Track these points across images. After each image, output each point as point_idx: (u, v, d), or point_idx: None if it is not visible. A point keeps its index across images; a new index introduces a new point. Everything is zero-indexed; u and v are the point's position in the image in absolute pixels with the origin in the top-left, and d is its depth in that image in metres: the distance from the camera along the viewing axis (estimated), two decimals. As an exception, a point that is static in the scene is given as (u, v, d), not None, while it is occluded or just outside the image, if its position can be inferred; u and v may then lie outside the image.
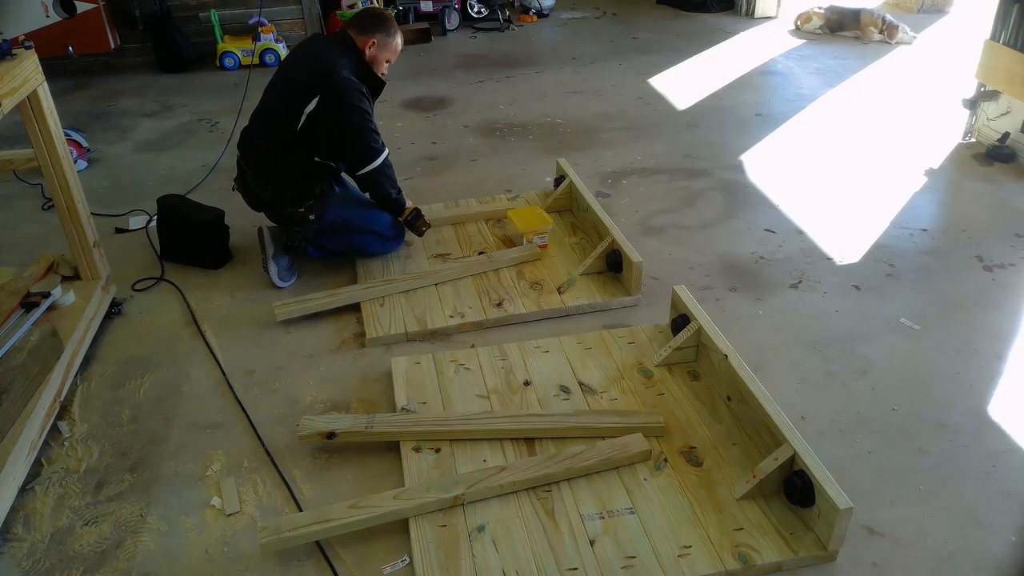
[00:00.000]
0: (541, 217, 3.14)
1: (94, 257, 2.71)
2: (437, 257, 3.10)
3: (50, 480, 2.12)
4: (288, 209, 2.88)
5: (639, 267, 2.75)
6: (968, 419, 2.25)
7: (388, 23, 2.86)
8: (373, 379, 2.48)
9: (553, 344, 2.55)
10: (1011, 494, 2.00)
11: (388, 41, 2.85)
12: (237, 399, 2.40)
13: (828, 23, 6.27)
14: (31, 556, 1.90)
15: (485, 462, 2.08)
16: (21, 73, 2.23)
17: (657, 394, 2.31)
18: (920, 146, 4.10)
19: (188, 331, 2.75)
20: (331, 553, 1.87)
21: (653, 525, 1.88)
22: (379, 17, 2.88)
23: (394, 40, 2.88)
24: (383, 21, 2.86)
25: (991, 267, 3.00)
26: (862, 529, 1.90)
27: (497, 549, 1.83)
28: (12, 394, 2.10)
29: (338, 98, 2.70)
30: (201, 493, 2.07)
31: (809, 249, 3.15)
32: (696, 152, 4.12)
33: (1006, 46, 3.74)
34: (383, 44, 2.84)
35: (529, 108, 4.84)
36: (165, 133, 4.62)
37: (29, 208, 3.69)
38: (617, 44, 6.22)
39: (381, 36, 2.83)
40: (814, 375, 2.44)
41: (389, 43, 2.86)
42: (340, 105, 2.71)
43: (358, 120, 2.75)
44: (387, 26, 2.85)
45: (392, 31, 2.86)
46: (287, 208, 2.88)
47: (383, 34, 2.83)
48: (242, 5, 5.89)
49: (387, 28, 2.85)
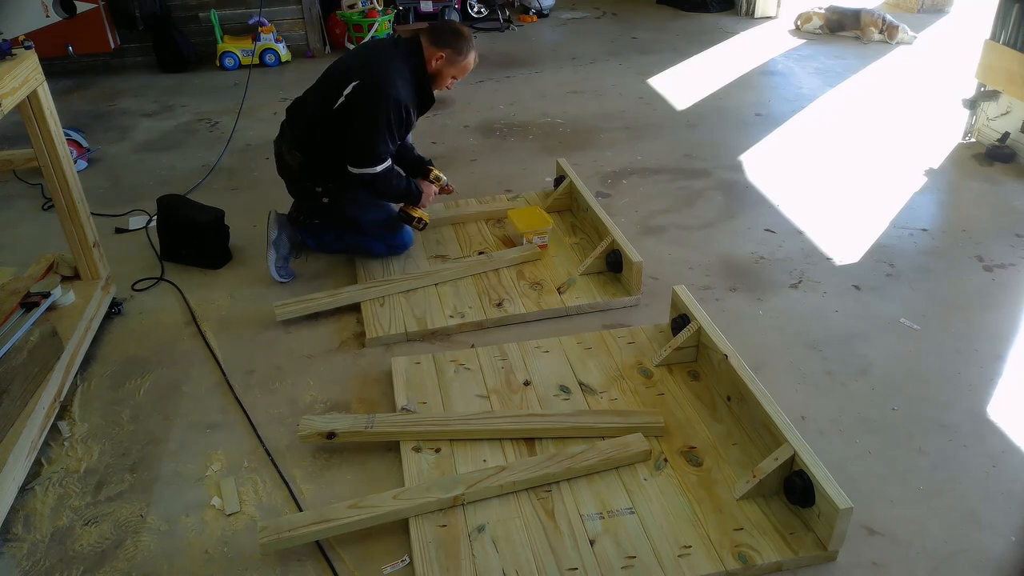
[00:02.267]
0: (541, 217, 3.14)
1: (94, 257, 2.71)
2: (437, 257, 3.10)
3: (50, 480, 2.12)
4: (307, 183, 2.89)
5: (639, 267, 2.75)
6: (968, 419, 2.25)
7: (462, 40, 2.79)
8: (373, 379, 2.48)
9: (553, 344, 2.55)
10: (1011, 494, 2.00)
11: (457, 58, 2.79)
12: (237, 399, 2.40)
13: (828, 23, 6.27)
14: (31, 556, 1.90)
15: (485, 462, 2.08)
16: (21, 73, 2.23)
17: (657, 394, 2.31)
18: (920, 146, 4.10)
19: (188, 331, 2.75)
20: (331, 553, 1.87)
21: (653, 525, 1.88)
22: (454, 32, 2.81)
23: (465, 58, 2.80)
24: (457, 37, 2.79)
25: (991, 267, 3.00)
26: (862, 529, 1.90)
27: (497, 549, 1.83)
28: (12, 394, 2.10)
29: (372, 91, 2.67)
30: (201, 493, 2.07)
31: (809, 249, 3.15)
32: (696, 152, 4.12)
33: (1006, 46, 3.74)
34: (451, 60, 2.78)
35: (529, 108, 4.84)
36: (165, 133, 4.62)
37: (29, 208, 3.69)
38: (617, 44, 6.22)
39: (451, 52, 2.77)
40: (814, 375, 2.45)
41: (458, 60, 2.80)
42: (368, 98, 2.67)
43: (374, 121, 2.70)
44: (460, 42, 2.78)
45: (464, 49, 2.79)
46: (306, 181, 2.89)
47: (453, 50, 2.77)
48: (242, 5, 5.89)
49: (459, 44, 2.78)
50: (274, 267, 2.93)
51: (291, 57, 5.94)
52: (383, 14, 6.02)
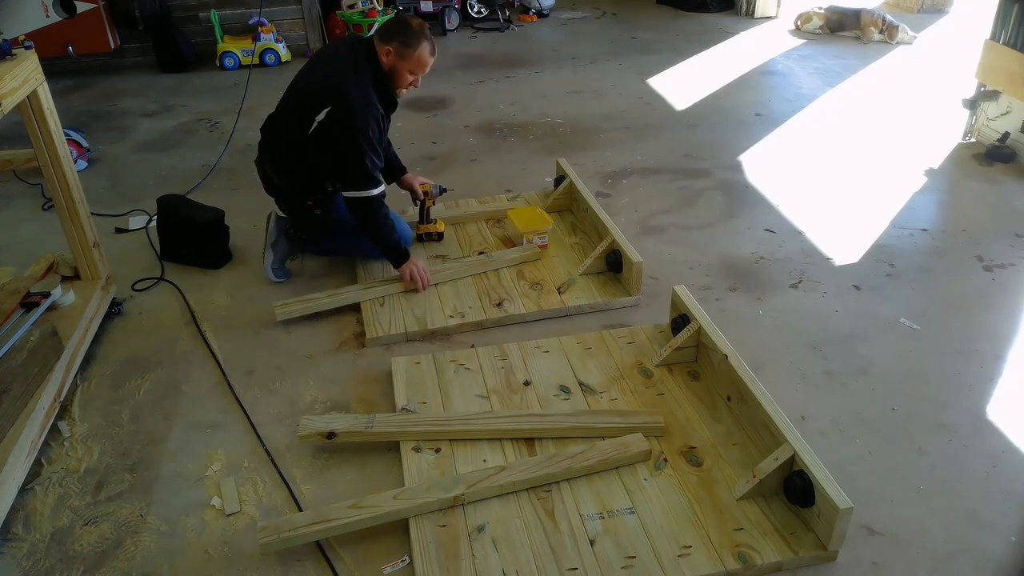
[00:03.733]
0: (541, 217, 3.14)
1: (94, 257, 2.71)
2: (437, 257, 3.10)
3: (50, 480, 2.12)
4: (296, 200, 2.87)
5: (639, 267, 2.75)
6: (968, 419, 2.25)
7: (410, 32, 2.59)
8: (373, 379, 2.48)
9: (553, 344, 2.55)
10: (1011, 494, 2.00)
11: (406, 51, 2.58)
12: (237, 399, 2.40)
13: (828, 23, 6.27)
14: (31, 556, 1.90)
15: (485, 462, 2.08)
16: (21, 73, 2.23)
17: (657, 394, 2.31)
18: (920, 146, 4.10)
19: (188, 331, 2.75)
20: (331, 553, 1.87)
21: (653, 525, 1.88)
22: (401, 24, 2.62)
23: (415, 51, 2.58)
24: (404, 29, 2.60)
25: (991, 267, 3.00)
26: (862, 529, 1.90)
27: (497, 549, 1.83)
28: (12, 394, 2.10)
29: (348, 115, 2.56)
30: (201, 493, 2.07)
31: (809, 249, 3.15)
32: (696, 152, 4.12)
33: (1006, 46, 3.75)
34: (400, 54, 2.59)
35: (529, 108, 4.84)
36: (165, 133, 4.62)
37: (29, 208, 3.69)
38: (617, 44, 6.22)
39: (398, 46, 2.58)
40: (814, 375, 2.45)
41: (408, 53, 2.58)
42: (346, 124, 2.57)
43: (359, 144, 2.59)
44: (407, 34, 2.58)
45: (412, 41, 2.58)
46: (296, 199, 2.87)
47: (399, 43, 2.58)
48: (242, 5, 5.89)
49: (406, 36, 2.58)
50: (271, 269, 2.94)
51: (291, 57, 5.95)
52: (383, 14, 6.02)
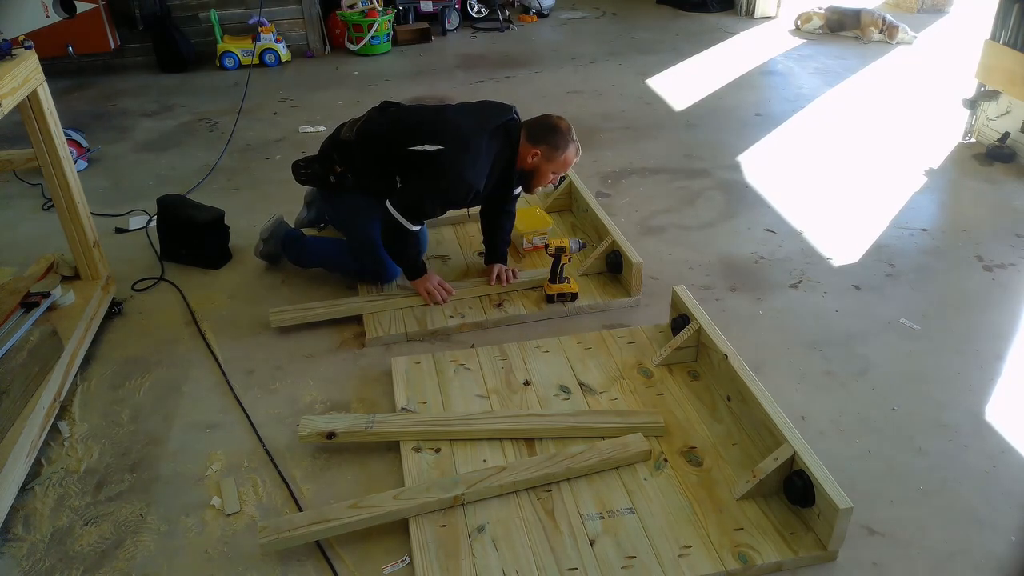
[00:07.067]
0: (541, 217, 3.14)
1: (94, 257, 2.71)
2: (437, 258, 3.10)
3: (50, 480, 2.12)
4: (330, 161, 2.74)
5: (639, 267, 2.75)
6: (968, 419, 2.25)
7: (559, 136, 2.62)
8: (373, 379, 2.48)
9: (553, 344, 2.55)
10: (1011, 494, 2.00)
11: (554, 154, 2.62)
12: (237, 399, 2.40)
13: (828, 23, 6.27)
14: (31, 556, 1.90)
15: (485, 462, 2.07)
16: (21, 73, 2.23)
17: (657, 394, 2.31)
18: (920, 146, 4.11)
19: (188, 331, 2.75)
20: (331, 553, 1.87)
21: (653, 525, 1.88)
22: (550, 128, 2.64)
23: (563, 153, 2.63)
24: (554, 133, 2.63)
25: (991, 267, 3.00)
26: (862, 529, 1.90)
27: (497, 549, 1.83)
28: (12, 394, 2.10)
29: (450, 165, 2.54)
30: (201, 493, 2.07)
31: (809, 249, 3.15)
32: (696, 152, 4.12)
33: (1006, 46, 3.75)
34: (548, 156, 2.63)
35: (529, 108, 4.80)
36: (165, 133, 4.62)
37: (29, 208, 3.69)
38: (617, 44, 6.22)
39: (547, 149, 2.62)
40: (814, 375, 2.45)
41: (555, 156, 2.63)
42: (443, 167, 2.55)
43: (437, 187, 2.58)
44: (556, 138, 2.62)
45: (561, 144, 2.62)
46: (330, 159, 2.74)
47: (549, 147, 2.62)
48: (242, 5, 5.89)
49: (555, 140, 2.62)
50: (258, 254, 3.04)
51: (291, 57, 5.95)
52: (383, 14, 6.03)
